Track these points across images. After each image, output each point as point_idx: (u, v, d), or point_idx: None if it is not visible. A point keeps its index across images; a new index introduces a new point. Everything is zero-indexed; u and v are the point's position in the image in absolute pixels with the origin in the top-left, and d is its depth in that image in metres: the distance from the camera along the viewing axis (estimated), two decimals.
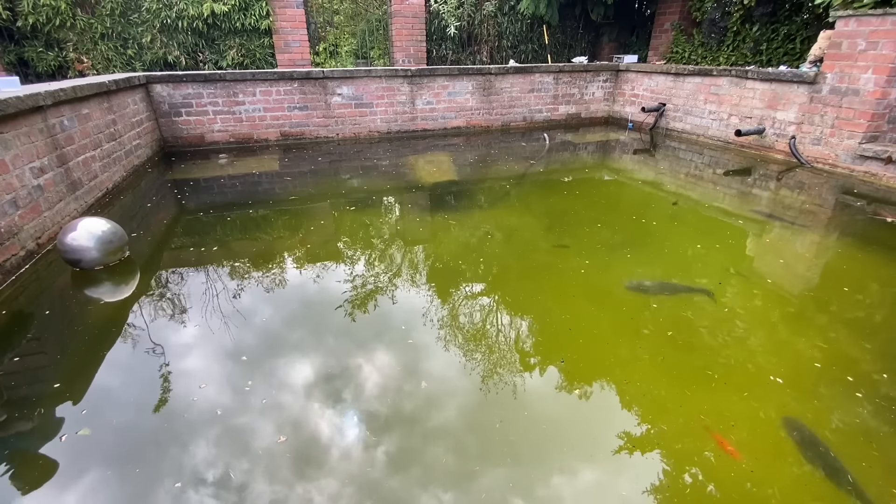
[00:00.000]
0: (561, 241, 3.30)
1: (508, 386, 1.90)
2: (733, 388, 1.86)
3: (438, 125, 7.14)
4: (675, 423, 1.71)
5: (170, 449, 1.60)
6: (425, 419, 1.73)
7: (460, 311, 2.46)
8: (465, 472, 1.51)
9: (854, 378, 1.92)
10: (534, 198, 4.31)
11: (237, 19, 6.87)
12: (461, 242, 3.30)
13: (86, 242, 2.68)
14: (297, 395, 1.85)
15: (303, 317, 2.43)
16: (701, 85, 6.35)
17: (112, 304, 2.55)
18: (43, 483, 1.48)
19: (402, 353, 2.11)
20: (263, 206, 4.03)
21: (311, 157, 5.80)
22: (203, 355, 2.09)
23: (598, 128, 7.82)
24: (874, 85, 4.38)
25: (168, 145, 5.92)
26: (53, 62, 6.35)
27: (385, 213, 4.00)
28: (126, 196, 4.17)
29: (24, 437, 1.66)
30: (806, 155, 5.14)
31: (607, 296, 2.59)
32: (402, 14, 7.53)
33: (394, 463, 1.55)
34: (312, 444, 1.62)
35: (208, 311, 2.42)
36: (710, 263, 2.96)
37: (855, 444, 1.61)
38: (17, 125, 2.87)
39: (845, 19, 4.54)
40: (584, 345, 2.17)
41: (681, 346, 2.13)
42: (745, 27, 6.57)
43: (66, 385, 1.90)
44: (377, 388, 1.88)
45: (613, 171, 5.32)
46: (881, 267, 2.94)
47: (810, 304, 2.53)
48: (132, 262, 2.95)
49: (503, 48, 8.67)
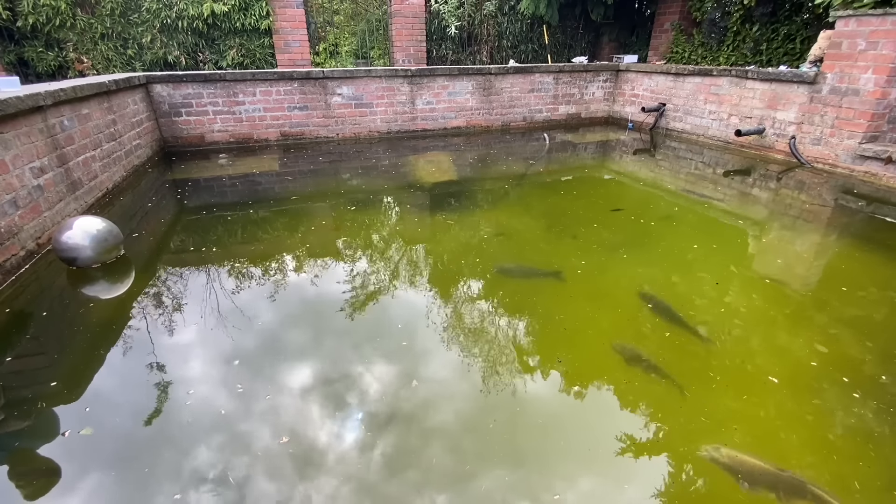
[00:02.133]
0: (560, 241, 3.30)
1: (507, 385, 1.90)
2: (732, 387, 1.87)
3: (438, 125, 7.14)
4: (678, 423, 1.71)
5: (171, 448, 1.60)
6: (423, 418, 1.73)
7: (458, 311, 2.46)
8: (464, 471, 1.51)
9: (852, 378, 1.92)
10: (533, 198, 4.31)
11: (237, 19, 6.87)
12: (460, 242, 3.30)
13: (81, 241, 2.69)
14: (297, 393, 1.85)
15: (301, 315, 2.43)
16: (701, 85, 6.36)
17: (112, 303, 2.55)
18: (46, 482, 1.48)
19: (401, 352, 2.10)
20: (263, 206, 4.03)
21: (311, 157, 5.80)
22: (203, 354, 2.09)
23: (598, 128, 7.82)
24: (874, 85, 4.38)
25: (168, 145, 5.92)
26: (53, 62, 6.35)
27: (385, 213, 4.00)
28: (126, 196, 4.17)
29: (26, 436, 1.66)
30: (806, 155, 5.14)
31: (607, 295, 2.59)
32: (402, 14, 7.54)
33: (392, 463, 1.55)
34: (313, 442, 1.62)
35: (207, 310, 2.42)
36: (710, 263, 2.96)
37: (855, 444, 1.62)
38: (17, 125, 2.88)
39: (845, 19, 4.54)
40: (582, 345, 2.17)
41: (678, 346, 2.13)
42: (745, 27, 6.57)
43: (67, 384, 1.90)
44: (376, 387, 1.88)
45: (613, 171, 5.32)
46: (881, 267, 2.94)
47: (809, 303, 2.53)
48: (128, 260, 2.96)
49: (503, 48, 8.67)
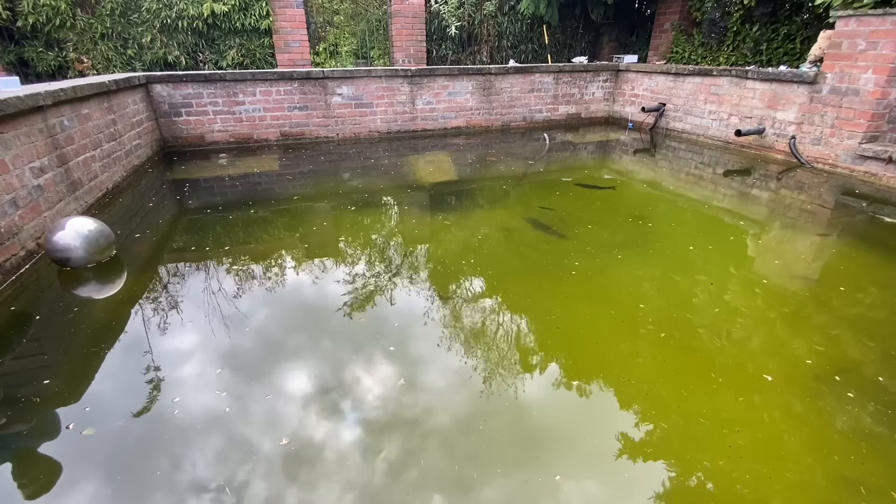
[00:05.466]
0: (560, 241, 3.30)
1: (508, 385, 1.90)
2: (731, 387, 1.87)
3: (438, 125, 7.15)
4: (678, 425, 1.71)
5: (171, 449, 1.60)
6: (421, 417, 1.73)
7: (457, 310, 2.46)
8: (464, 471, 1.51)
9: (850, 378, 1.92)
10: (533, 198, 4.31)
11: (237, 19, 6.87)
12: (460, 242, 3.30)
13: (72, 242, 2.67)
14: (296, 393, 1.85)
15: (299, 315, 2.44)
16: (701, 85, 6.36)
17: (112, 303, 2.55)
18: (48, 482, 1.48)
19: (398, 352, 2.11)
20: (263, 206, 4.03)
21: (310, 157, 5.80)
22: (203, 354, 2.09)
23: (598, 128, 7.82)
24: (874, 85, 4.38)
25: (168, 145, 5.92)
26: (53, 62, 6.35)
27: (384, 214, 4.00)
28: (126, 196, 4.17)
29: (27, 436, 1.66)
30: (806, 155, 5.14)
31: (606, 295, 2.59)
32: (402, 14, 7.54)
33: (390, 463, 1.55)
34: (313, 442, 1.62)
35: (207, 310, 2.42)
36: (709, 263, 2.96)
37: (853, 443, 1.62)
38: (17, 125, 2.88)
39: (845, 19, 4.54)
40: (581, 345, 2.17)
41: (676, 346, 2.13)
42: (745, 27, 6.57)
43: (67, 384, 1.90)
44: (376, 386, 1.89)
45: (613, 171, 5.32)
46: (880, 267, 2.94)
47: (808, 303, 2.53)
48: (120, 260, 2.95)
49: (503, 48, 8.67)
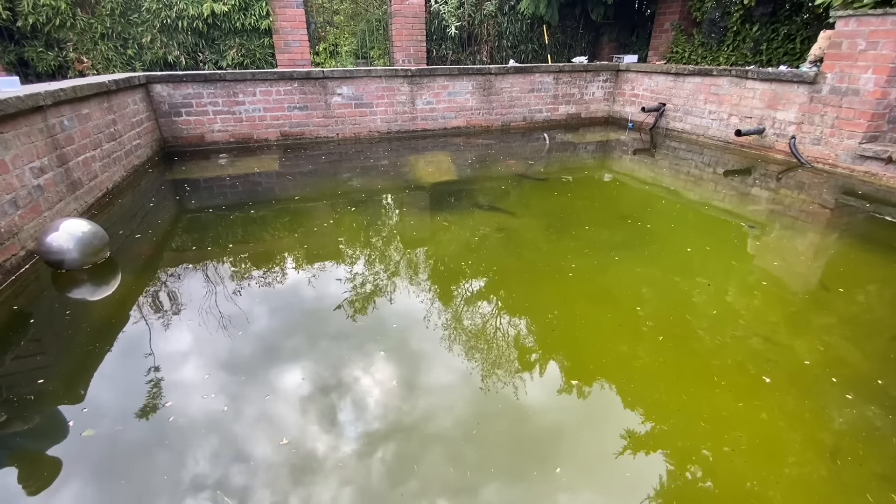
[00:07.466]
0: (559, 241, 3.30)
1: (508, 385, 1.90)
2: (730, 388, 1.87)
3: (438, 125, 7.14)
4: (679, 425, 1.71)
5: (170, 448, 1.60)
6: (421, 417, 1.73)
7: (457, 310, 2.46)
8: (463, 471, 1.51)
9: (849, 379, 1.92)
10: (533, 198, 4.31)
11: (237, 19, 6.87)
12: (460, 242, 3.30)
13: (66, 244, 2.66)
14: (296, 393, 1.85)
15: (299, 315, 2.43)
16: (701, 85, 6.36)
17: (112, 303, 2.55)
18: (48, 483, 1.48)
19: (399, 353, 2.11)
20: (263, 207, 4.03)
21: (310, 157, 5.80)
22: (202, 354, 2.09)
23: (598, 128, 7.82)
24: (874, 85, 4.38)
25: (168, 145, 5.92)
26: (53, 62, 6.35)
27: (384, 214, 4.00)
28: (126, 196, 4.17)
29: (27, 437, 1.66)
30: (806, 155, 5.14)
31: (605, 295, 2.60)
32: (402, 14, 7.54)
33: (390, 463, 1.55)
34: (314, 442, 1.62)
35: (207, 310, 2.42)
36: (709, 263, 2.96)
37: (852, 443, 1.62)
38: (17, 125, 2.88)
39: (845, 19, 4.54)
40: (581, 345, 2.17)
41: (675, 346, 2.13)
42: (745, 27, 6.57)
43: (67, 384, 1.90)
44: (375, 386, 1.89)
45: (613, 171, 5.32)
46: (880, 267, 2.94)
47: (807, 303, 2.53)
48: (115, 262, 2.94)
49: (503, 48, 8.67)
